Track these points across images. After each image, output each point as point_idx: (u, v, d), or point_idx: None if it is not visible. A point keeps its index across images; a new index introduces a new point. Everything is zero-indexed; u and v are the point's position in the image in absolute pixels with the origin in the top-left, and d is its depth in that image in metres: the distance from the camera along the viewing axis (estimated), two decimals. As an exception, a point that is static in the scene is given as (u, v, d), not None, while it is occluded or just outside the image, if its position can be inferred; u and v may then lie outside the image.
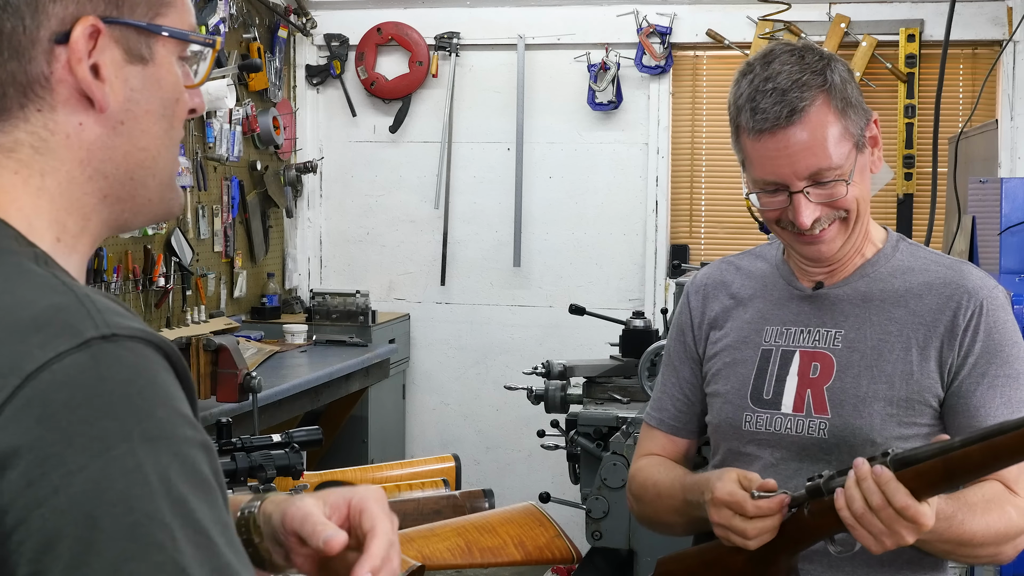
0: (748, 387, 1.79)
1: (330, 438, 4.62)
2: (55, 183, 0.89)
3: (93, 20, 0.88)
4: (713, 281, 1.90)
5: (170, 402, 0.78)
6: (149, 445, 0.75)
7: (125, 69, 0.91)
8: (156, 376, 0.78)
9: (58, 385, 0.75)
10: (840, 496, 1.49)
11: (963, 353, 1.68)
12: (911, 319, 1.71)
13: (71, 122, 0.89)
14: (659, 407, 1.94)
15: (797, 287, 1.80)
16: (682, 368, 1.91)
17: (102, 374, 0.76)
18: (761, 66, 1.67)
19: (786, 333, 1.79)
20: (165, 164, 0.96)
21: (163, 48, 0.93)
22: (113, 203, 0.93)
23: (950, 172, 3.61)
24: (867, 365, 1.71)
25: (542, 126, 5.28)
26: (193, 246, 4.55)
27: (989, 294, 1.70)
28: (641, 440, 1.97)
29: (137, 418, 0.75)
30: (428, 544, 2.07)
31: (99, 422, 0.74)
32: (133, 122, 0.92)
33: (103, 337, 0.77)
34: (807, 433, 1.73)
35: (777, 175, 1.66)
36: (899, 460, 1.46)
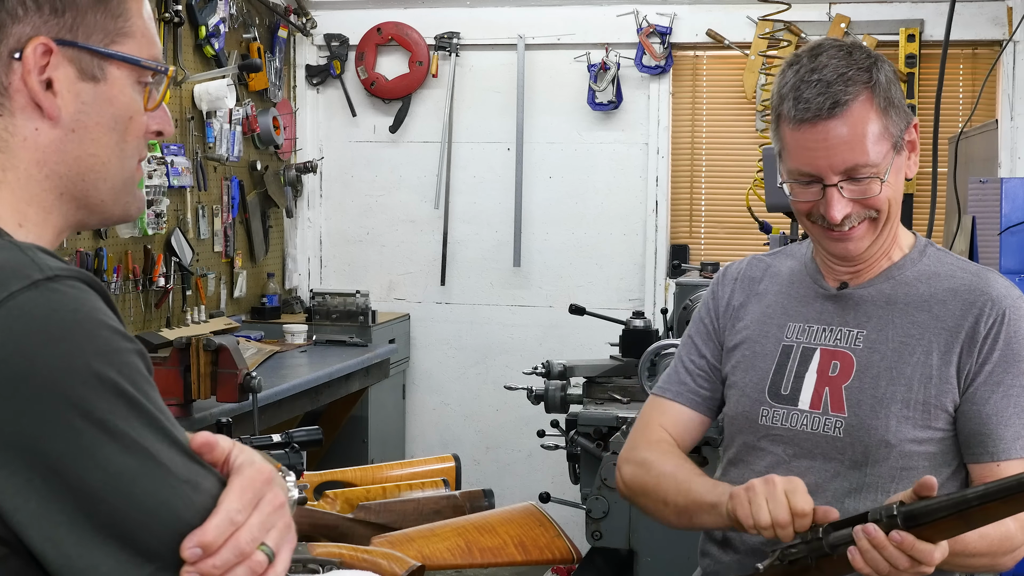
0: (767, 382, 1.79)
1: (330, 438, 4.62)
2: (15, 178, 1.04)
3: (44, 40, 1.02)
4: (743, 275, 1.91)
5: (107, 323, 0.94)
6: (101, 358, 0.91)
7: (77, 85, 1.05)
8: (95, 304, 0.94)
9: (15, 318, 0.90)
10: (857, 558, 1.45)
11: (981, 360, 1.68)
12: (934, 324, 1.71)
13: (28, 127, 1.04)
14: (676, 381, 1.91)
15: (822, 286, 1.81)
16: (704, 348, 1.90)
17: (53, 306, 0.91)
18: (808, 58, 1.68)
19: (808, 330, 1.79)
20: (116, 171, 1.09)
21: (117, 71, 1.07)
22: (68, 201, 1.07)
23: (950, 172, 3.61)
24: (887, 367, 1.71)
25: (542, 126, 5.28)
26: (193, 246, 4.55)
27: (1013, 303, 1.70)
28: (647, 414, 1.92)
29: (87, 339, 0.92)
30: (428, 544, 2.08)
31: (57, 345, 0.90)
32: (83, 131, 1.06)
33: (47, 278, 0.92)
34: (822, 431, 1.73)
35: (813, 167, 1.66)
36: (910, 515, 1.42)
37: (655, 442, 1.86)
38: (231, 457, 1.00)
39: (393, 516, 2.24)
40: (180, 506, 0.92)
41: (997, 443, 1.66)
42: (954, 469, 1.72)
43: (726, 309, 1.89)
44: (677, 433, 1.89)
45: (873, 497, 1.69)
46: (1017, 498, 1.32)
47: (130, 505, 0.90)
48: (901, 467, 1.68)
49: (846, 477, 1.72)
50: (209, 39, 4.55)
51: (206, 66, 4.62)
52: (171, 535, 0.91)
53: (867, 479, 1.70)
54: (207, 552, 0.92)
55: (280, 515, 0.99)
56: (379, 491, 2.39)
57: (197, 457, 0.97)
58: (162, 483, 0.92)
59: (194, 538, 0.92)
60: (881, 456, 1.69)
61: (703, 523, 1.74)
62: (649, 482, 1.82)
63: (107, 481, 0.89)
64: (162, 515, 0.91)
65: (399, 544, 2.05)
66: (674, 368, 1.93)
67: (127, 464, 0.90)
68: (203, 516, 0.93)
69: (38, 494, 0.88)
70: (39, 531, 0.89)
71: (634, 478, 1.85)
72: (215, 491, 0.96)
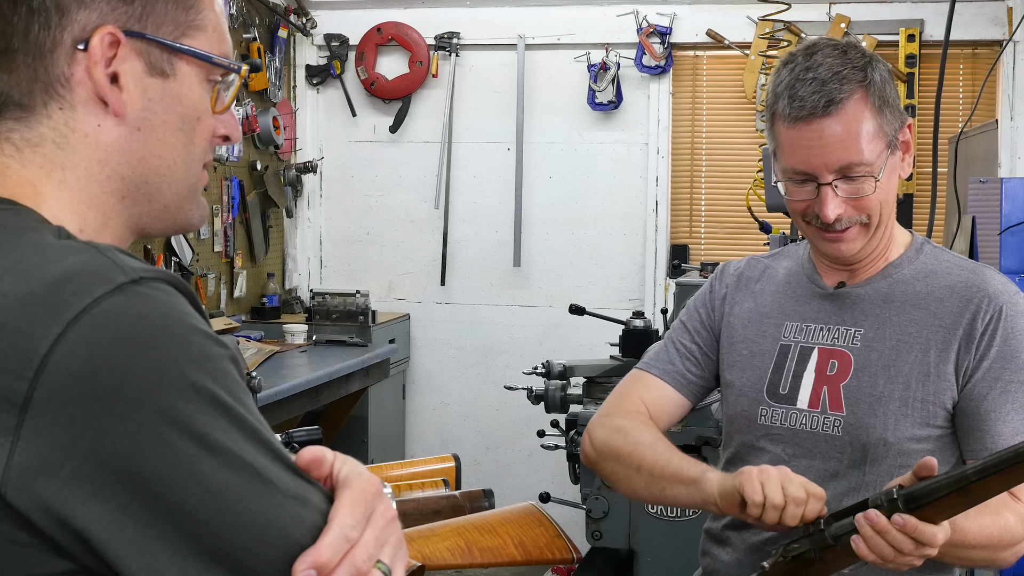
0: (765, 381, 1.80)
1: (330, 438, 4.62)
2: (74, 177, 0.96)
3: (112, 30, 0.94)
4: (742, 274, 1.91)
5: (200, 327, 0.86)
6: (195, 366, 0.83)
7: (145, 80, 0.97)
8: (183, 308, 0.86)
9: (100, 326, 0.81)
10: (861, 545, 1.45)
11: (979, 357, 1.68)
12: (931, 321, 1.72)
13: (90, 122, 0.96)
14: (664, 360, 1.90)
15: (819, 285, 1.81)
16: (696, 335, 1.90)
17: (140, 311, 0.83)
18: (803, 57, 1.69)
19: (806, 329, 1.80)
20: (182, 174, 1.01)
21: (187, 67, 0.99)
22: (131, 204, 0.99)
23: (950, 172, 3.61)
24: (885, 365, 1.72)
25: (542, 126, 5.28)
26: (193, 246, 4.55)
27: (1009, 300, 1.70)
28: (627, 385, 1.91)
29: (179, 345, 0.83)
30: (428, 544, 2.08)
31: (147, 353, 0.81)
32: (150, 130, 0.98)
33: (132, 281, 0.84)
34: (821, 429, 1.74)
35: (808, 165, 1.67)
36: (910, 497, 1.42)
37: (633, 412, 1.85)
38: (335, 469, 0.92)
39: (393, 516, 2.24)
40: (290, 525, 0.84)
41: (996, 439, 1.67)
42: (952, 466, 1.72)
43: (722, 302, 1.90)
44: (656, 410, 1.86)
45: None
46: (1015, 470, 1.33)
47: (236, 526, 0.82)
48: (900, 465, 1.68)
49: (845, 476, 1.72)
50: (209, 39, 4.55)
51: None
52: (282, 556, 0.83)
53: (866, 478, 1.70)
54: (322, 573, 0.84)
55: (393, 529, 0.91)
56: (379, 491, 2.39)
57: (301, 471, 0.89)
58: (269, 501, 0.84)
59: (308, 559, 0.83)
60: (880, 454, 1.70)
61: (675, 495, 1.72)
62: (624, 447, 1.79)
63: (210, 502, 0.81)
64: (271, 535, 0.83)
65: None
66: (663, 347, 1.92)
67: (230, 482, 0.82)
68: (314, 534, 0.85)
69: (135, 520, 0.80)
70: (139, 561, 0.80)
71: (607, 441, 1.82)
72: (323, 507, 0.87)
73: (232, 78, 1.03)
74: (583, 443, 1.88)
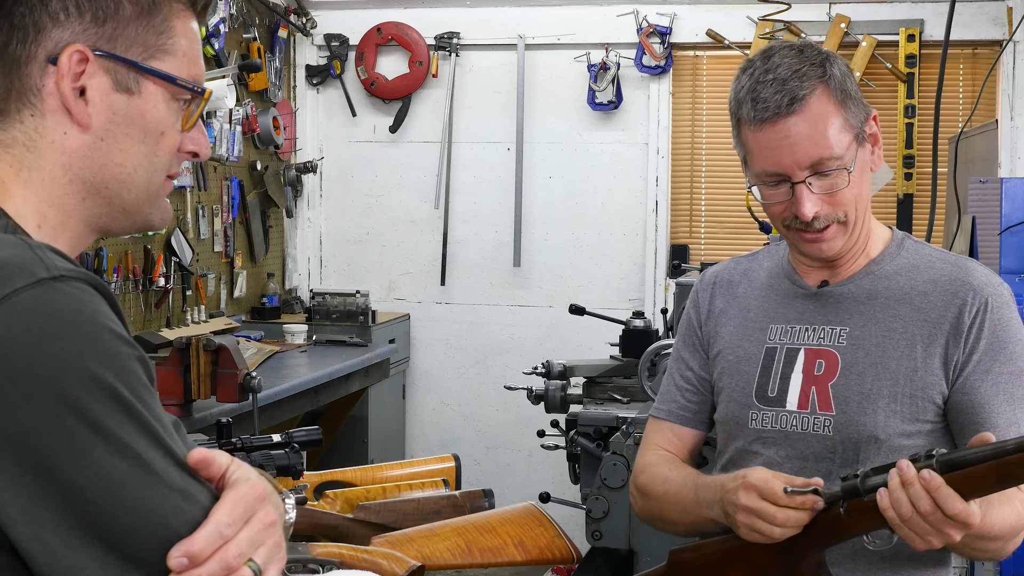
0: (753, 385, 1.80)
1: (330, 438, 4.62)
2: (39, 178, 1.05)
3: (81, 48, 1.03)
4: (721, 279, 1.91)
5: (109, 326, 0.94)
6: (98, 360, 0.91)
7: (111, 96, 1.05)
8: (98, 307, 0.94)
9: (16, 314, 0.90)
10: (884, 497, 1.46)
11: (968, 350, 1.68)
12: (916, 316, 1.72)
13: (57, 130, 1.05)
14: (668, 399, 1.93)
15: (802, 285, 1.81)
16: (691, 360, 1.91)
17: (55, 306, 0.91)
18: (761, 60, 1.70)
19: (791, 331, 1.79)
20: (143, 182, 1.09)
21: (152, 86, 1.07)
22: (91, 206, 1.08)
23: (950, 172, 3.61)
24: (872, 362, 1.72)
25: (542, 126, 5.28)
26: (193, 246, 4.55)
27: (994, 291, 1.71)
28: (647, 435, 1.96)
29: (86, 340, 0.91)
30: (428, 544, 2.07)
31: (55, 343, 0.90)
32: (112, 141, 1.06)
33: (52, 277, 0.92)
34: (812, 430, 1.73)
35: (779, 165, 1.67)
36: (947, 462, 1.43)
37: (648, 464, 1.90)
38: (228, 473, 0.99)
39: (393, 516, 2.24)
40: (169, 514, 0.92)
41: (991, 431, 1.66)
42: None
43: (707, 317, 1.90)
44: (675, 449, 1.92)
45: None
46: None
47: (119, 509, 0.90)
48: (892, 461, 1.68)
49: (838, 475, 1.71)
50: (209, 39, 4.55)
51: (206, 66, 4.62)
52: (158, 543, 0.91)
53: None
54: (193, 562, 0.91)
55: (270, 533, 0.98)
56: (379, 491, 2.39)
57: (192, 470, 0.96)
58: (152, 490, 0.92)
59: (181, 547, 0.91)
60: (871, 452, 1.70)
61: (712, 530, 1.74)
62: (654, 510, 1.86)
63: (97, 483, 0.89)
64: (150, 522, 0.91)
65: (399, 544, 2.05)
66: (666, 384, 1.96)
67: (118, 468, 0.90)
68: (192, 527, 0.93)
69: (28, 490, 0.88)
70: (27, 528, 0.89)
71: (643, 510, 1.91)
72: (207, 504, 0.95)
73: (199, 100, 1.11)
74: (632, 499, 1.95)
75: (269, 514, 0.98)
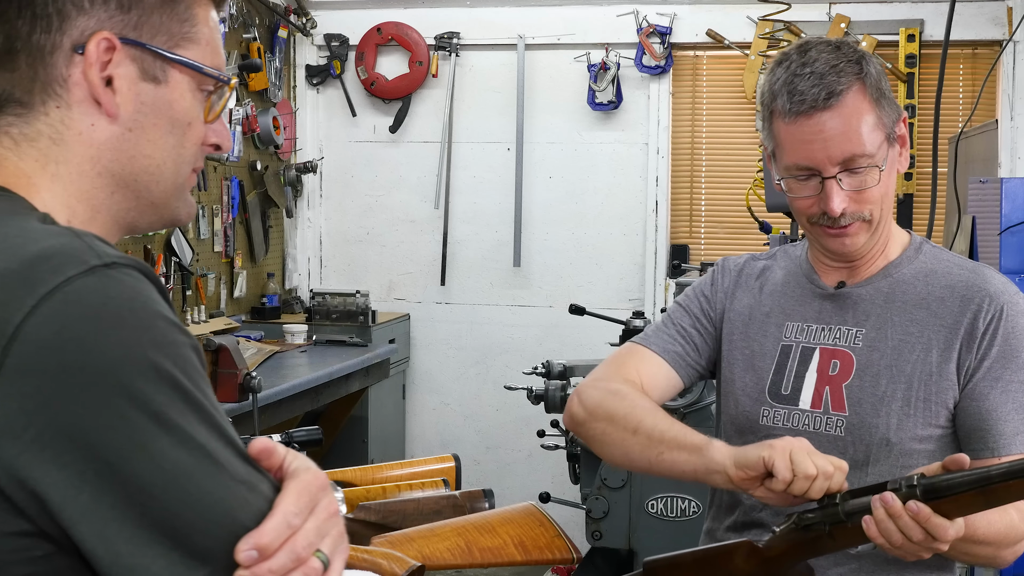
0: (767, 382, 1.79)
1: (330, 438, 4.62)
2: (67, 172, 1.01)
3: (108, 36, 1.00)
4: (741, 269, 1.90)
5: (164, 314, 0.91)
6: (157, 349, 0.88)
7: (138, 85, 1.02)
8: (150, 295, 0.91)
9: (71, 303, 0.86)
10: (872, 527, 1.46)
11: (980, 356, 1.68)
12: (933, 321, 1.72)
13: (84, 121, 1.01)
14: (666, 337, 1.87)
15: (819, 285, 1.81)
16: (696, 321, 1.88)
17: (109, 293, 0.88)
18: (798, 54, 1.69)
19: (807, 330, 1.79)
20: (171, 174, 1.06)
21: (179, 75, 1.05)
22: (120, 200, 1.05)
23: (950, 172, 3.61)
24: (887, 365, 1.71)
25: (542, 126, 5.28)
26: (193, 246, 4.55)
27: (1010, 299, 1.71)
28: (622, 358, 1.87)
29: (143, 328, 0.88)
30: (428, 544, 2.07)
31: (112, 332, 0.86)
32: (140, 131, 1.03)
33: (104, 265, 0.89)
34: (824, 430, 1.73)
35: (811, 159, 1.67)
36: (931, 490, 1.42)
37: (631, 381, 1.81)
38: (285, 463, 0.96)
39: (393, 516, 2.24)
40: (236, 507, 0.89)
41: (997, 439, 1.66)
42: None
43: (724, 296, 1.88)
44: (650, 385, 1.82)
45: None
46: None
47: (184, 503, 0.86)
48: (902, 465, 1.68)
49: (848, 476, 1.71)
50: (209, 39, 4.55)
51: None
52: (226, 536, 0.88)
53: (868, 478, 1.70)
54: (263, 555, 0.88)
55: (335, 523, 0.95)
56: (379, 491, 2.39)
57: (253, 460, 0.94)
58: (218, 482, 0.88)
59: (250, 540, 0.87)
60: (882, 455, 1.70)
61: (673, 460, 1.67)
62: (620, 408, 1.75)
63: (161, 476, 0.86)
64: (217, 515, 0.88)
65: (399, 544, 2.05)
66: (662, 325, 1.89)
67: (182, 460, 0.87)
68: (259, 519, 0.89)
69: (90, 487, 0.84)
70: (89, 527, 0.85)
71: (600, 402, 1.77)
72: (271, 495, 0.92)
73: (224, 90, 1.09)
74: (569, 405, 1.83)
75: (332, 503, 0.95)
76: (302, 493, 0.93)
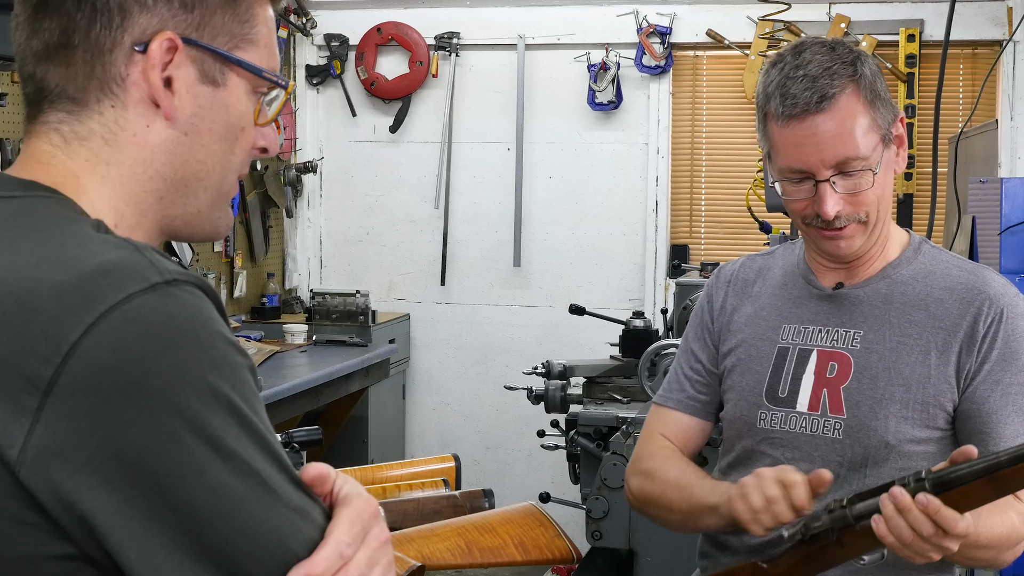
0: (763, 384, 1.79)
1: (330, 438, 4.62)
2: (118, 174, 0.98)
3: (171, 35, 0.96)
4: (737, 278, 1.90)
5: (223, 334, 0.88)
6: (216, 371, 0.85)
7: (197, 87, 0.99)
8: (211, 313, 0.88)
9: (131, 321, 0.83)
10: (881, 525, 1.45)
11: (980, 359, 1.68)
12: (931, 323, 1.71)
13: (140, 122, 0.98)
14: (676, 388, 1.91)
15: (817, 286, 1.80)
16: (701, 353, 1.90)
17: (170, 312, 0.85)
18: (792, 55, 1.68)
19: (804, 332, 1.78)
20: (219, 181, 1.03)
21: (236, 78, 1.01)
22: (167, 206, 1.01)
23: (950, 172, 3.61)
24: (885, 367, 1.71)
25: (542, 126, 5.28)
26: (193, 246, 4.55)
27: (1010, 301, 1.70)
28: (650, 424, 1.94)
29: (203, 349, 0.85)
30: (428, 544, 2.07)
31: (172, 353, 0.83)
32: (196, 135, 1.00)
33: (166, 282, 0.86)
34: (822, 433, 1.73)
35: (804, 163, 1.66)
36: (939, 482, 1.42)
37: (658, 450, 1.87)
38: (336, 487, 0.94)
39: (393, 516, 2.24)
40: (289, 535, 0.86)
41: (997, 441, 1.66)
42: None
43: (720, 312, 1.89)
44: (679, 440, 1.89)
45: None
46: None
47: (236, 531, 0.84)
48: (900, 468, 1.68)
49: (846, 479, 1.71)
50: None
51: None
52: (277, 566, 0.85)
53: (867, 480, 1.70)
54: None
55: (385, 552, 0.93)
56: (379, 491, 2.39)
57: (305, 487, 0.91)
58: (271, 510, 0.86)
59: (302, 569, 0.86)
60: (881, 457, 1.69)
61: (707, 525, 1.75)
62: (655, 492, 1.84)
63: (214, 503, 0.83)
64: (269, 544, 0.85)
65: (399, 544, 2.05)
66: (673, 374, 1.94)
67: (236, 487, 0.84)
68: (311, 548, 0.87)
69: (140, 513, 0.81)
70: (138, 553, 0.82)
71: (641, 489, 1.87)
72: (323, 523, 0.90)
73: (277, 92, 1.06)
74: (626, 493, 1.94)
75: (383, 531, 0.93)
76: (355, 521, 0.91)
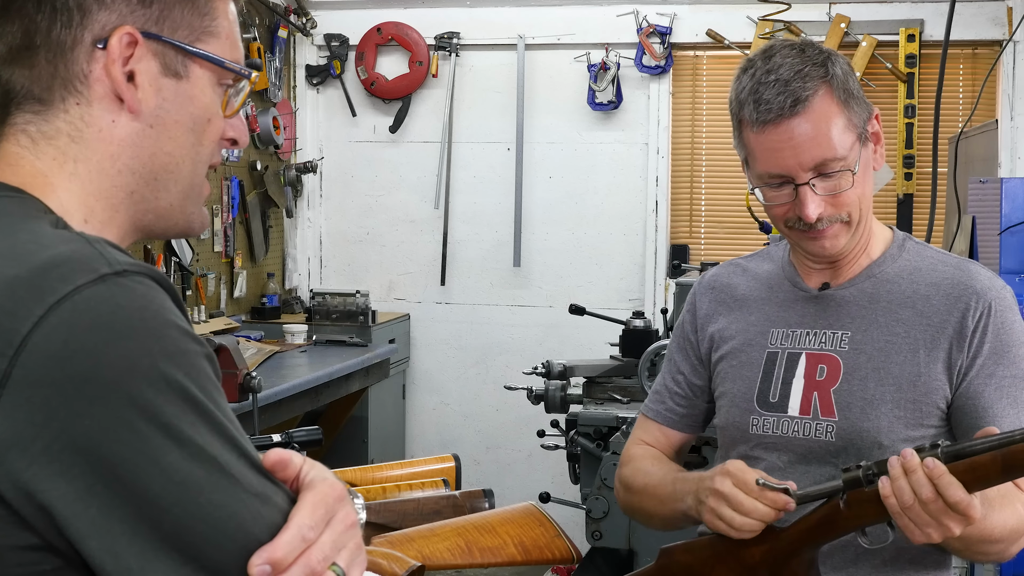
0: (754, 390, 1.78)
1: (330, 438, 4.62)
2: (86, 170, 0.99)
3: (130, 30, 0.98)
4: (720, 283, 1.90)
5: (176, 322, 0.88)
6: (168, 359, 0.86)
7: (160, 80, 1.00)
8: (163, 303, 0.89)
9: (80, 312, 0.84)
10: (886, 485, 1.46)
11: (972, 354, 1.67)
12: (918, 320, 1.71)
13: (105, 118, 0.99)
14: (658, 400, 1.94)
15: (803, 288, 1.80)
16: (682, 364, 1.91)
17: (119, 302, 0.86)
18: (762, 60, 1.68)
19: (792, 335, 1.78)
20: (189, 173, 1.04)
21: (200, 69, 1.03)
22: (138, 200, 1.02)
23: (950, 172, 3.61)
24: (874, 367, 1.70)
25: (542, 126, 5.28)
26: (193, 246, 4.55)
27: (997, 295, 1.70)
28: (635, 431, 1.98)
29: (154, 338, 0.86)
30: (428, 544, 2.07)
31: (122, 342, 0.84)
32: (162, 128, 1.01)
33: (115, 272, 0.87)
34: (814, 436, 1.72)
35: (782, 167, 1.66)
36: (951, 453, 1.43)
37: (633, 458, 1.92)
38: (302, 473, 0.94)
39: (393, 516, 2.24)
40: (249, 520, 0.86)
41: None
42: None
43: (704, 322, 1.89)
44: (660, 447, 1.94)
45: None
46: None
47: (196, 517, 0.84)
48: None
49: None
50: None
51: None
52: (238, 550, 0.86)
53: None
54: (277, 569, 0.86)
55: (352, 535, 0.93)
56: (379, 491, 2.38)
57: (267, 472, 0.91)
58: (230, 495, 0.86)
59: (263, 554, 0.86)
60: (874, 457, 1.69)
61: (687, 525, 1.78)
62: (633, 502, 1.89)
63: (172, 490, 0.83)
64: (229, 529, 0.85)
65: (399, 544, 2.05)
66: (658, 384, 1.96)
67: (194, 473, 0.84)
68: (273, 532, 0.87)
69: (99, 501, 0.82)
70: (98, 541, 0.83)
71: (623, 501, 1.93)
72: (285, 507, 0.90)
73: (243, 84, 1.07)
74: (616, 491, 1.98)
75: (350, 515, 0.93)
76: (318, 505, 0.91)
